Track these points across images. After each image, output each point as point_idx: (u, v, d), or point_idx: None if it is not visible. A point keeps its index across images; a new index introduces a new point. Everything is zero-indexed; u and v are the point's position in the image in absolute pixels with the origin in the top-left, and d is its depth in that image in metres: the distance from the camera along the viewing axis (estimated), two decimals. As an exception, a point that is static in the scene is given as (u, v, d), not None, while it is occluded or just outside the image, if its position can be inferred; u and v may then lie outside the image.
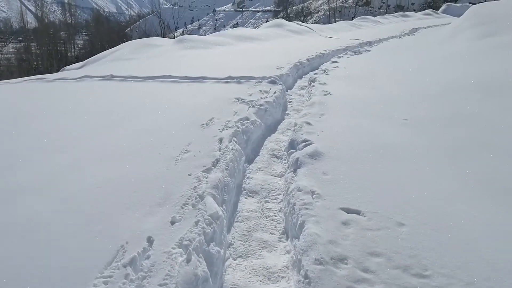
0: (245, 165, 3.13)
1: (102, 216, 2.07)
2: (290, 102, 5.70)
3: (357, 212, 2.13)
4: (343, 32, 17.36)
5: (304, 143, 3.14)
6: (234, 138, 3.21)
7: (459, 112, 3.94)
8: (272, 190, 2.79)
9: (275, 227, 2.39)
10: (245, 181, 2.88)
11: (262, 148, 3.72)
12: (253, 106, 4.30)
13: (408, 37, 13.93)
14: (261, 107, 4.35)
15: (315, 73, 6.70)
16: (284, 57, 8.66)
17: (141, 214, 2.08)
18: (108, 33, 40.68)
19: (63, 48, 39.94)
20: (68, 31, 43.11)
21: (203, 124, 3.54)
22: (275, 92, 5.14)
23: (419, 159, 2.85)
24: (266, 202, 2.66)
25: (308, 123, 3.67)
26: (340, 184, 2.41)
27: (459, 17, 26.28)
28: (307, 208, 2.16)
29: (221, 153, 2.78)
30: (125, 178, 2.50)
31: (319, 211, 2.14)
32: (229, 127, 3.45)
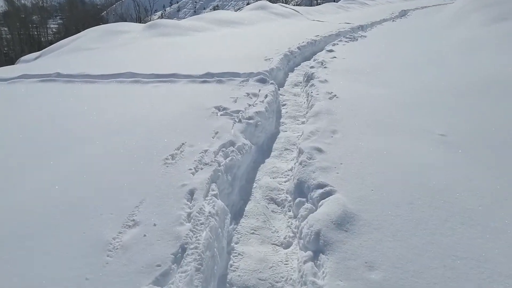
0: (231, 227, 2.04)
1: None
2: (284, 105, 4.60)
3: None
4: (331, 15, 16.20)
5: (319, 190, 2.08)
6: (214, 187, 2.10)
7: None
8: (278, 282, 1.72)
9: None
10: (231, 267, 1.79)
11: (254, 185, 2.63)
12: (240, 121, 3.18)
13: (401, 20, 12.91)
14: (251, 121, 3.24)
15: (311, 66, 5.59)
16: (272, 45, 7.48)
17: None
18: (83, 17, 38.17)
19: (36, 33, 37.26)
20: (41, 14, 40.19)
21: (166, 159, 2.40)
22: (266, 96, 4.02)
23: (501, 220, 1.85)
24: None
25: (319, 150, 2.59)
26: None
27: (444, -2, 25.53)
28: None
29: (190, 230, 1.66)
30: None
31: None
32: (206, 164, 2.33)
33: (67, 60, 6.99)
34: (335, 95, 4.01)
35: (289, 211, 2.30)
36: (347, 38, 8.57)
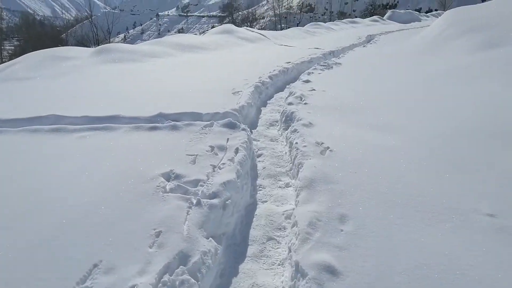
0: None
1: None
2: (260, 155, 3.57)
3: None
4: (298, 40, 15.80)
5: None
6: None
7: None
8: None
9: None
10: None
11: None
12: (199, 203, 2.08)
13: (371, 45, 12.65)
14: (215, 200, 2.15)
15: (289, 103, 4.66)
16: (240, 74, 6.55)
17: None
18: (41, 38, 35.85)
19: (-10, 54, 34.37)
20: (-4, 35, 37.29)
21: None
22: (237, 151, 2.96)
23: None
24: None
25: (330, 269, 1.55)
26: None
27: (405, 23, 26.61)
28: None
29: None
30: None
31: None
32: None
33: (-15, 94, 5.57)
34: (328, 147, 3.04)
35: None
36: (321, 65, 7.86)
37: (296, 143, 3.21)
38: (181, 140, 3.16)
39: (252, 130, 4.29)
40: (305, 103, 4.62)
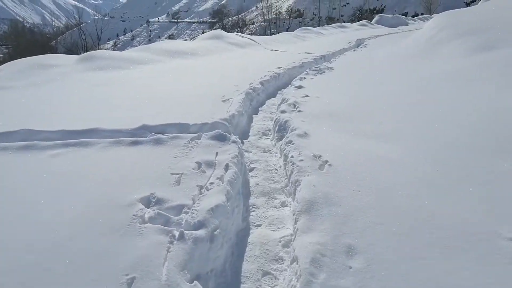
0: None
1: None
2: (253, 169, 3.29)
3: None
4: (289, 45, 15.62)
5: None
6: None
7: None
8: None
9: None
10: None
11: None
12: (182, 237, 1.78)
13: (361, 49, 12.51)
14: (201, 232, 1.85)
15: (282, 111, 4.39)
16: (230, 80, 6.28)
17: None
18: (31, 46, 35.19)
19: (-24, 63, 33.63)
20: (-17, 43, 36.74)
21: None
22: (227, 167, 2.67)
23: None
24: None
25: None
26: None
27: (393, 27, 26.73)
28: None
29: None
30: None
31: None
32: None
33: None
34: (326, 161, 2.78)
35: None
36: (313, 70, 7.63)
37: (292, 156, 2.93)
38: (165, 156, 2.86)
39: (244, 141, 4.01)
40: (299, 111, 4.36)
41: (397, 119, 3.91)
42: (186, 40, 27.90)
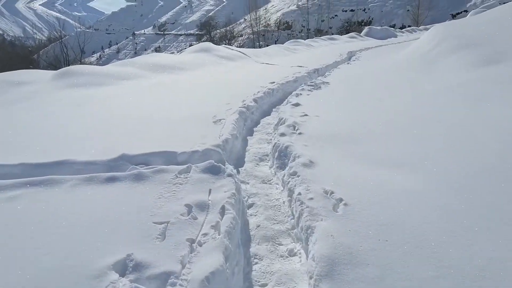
0: None
1: None
2: (252, 206, 2.82)
3: None
4: (280, 57, 15.36)
5: None
6: None
7: None
8: None
9: None
10: None
11: None
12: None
13: (355, 62, 12.32)
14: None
15: (282, 133, 3.95)
16: (221, 97, 5.85)
17: None
18: (12, 59, 34.18)
19: (-45, 77, 32.44)
20: (-38, 57, 35.40)
21: None
22: (223, 211, 2.20)
23: None
24: None
25: None
26: None
27: (382, 39, 26.97)
28: None
29: None
30: None
31: None
32: None
33: None
34: (341, 199, 2.34)
35: None
36: (308, 85, 7.28)
37: (299, 193, 2.48)
38: (147, 197, 2.37)
39: (239, 169, 3.55)
40: (299, 133, 3.94)
41: (407, 142, 3.52)
42: (173, 53, 27.48)
